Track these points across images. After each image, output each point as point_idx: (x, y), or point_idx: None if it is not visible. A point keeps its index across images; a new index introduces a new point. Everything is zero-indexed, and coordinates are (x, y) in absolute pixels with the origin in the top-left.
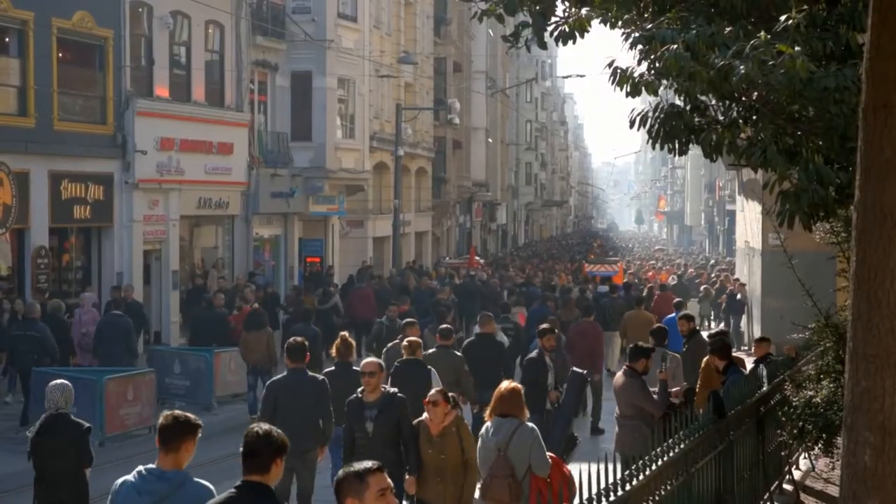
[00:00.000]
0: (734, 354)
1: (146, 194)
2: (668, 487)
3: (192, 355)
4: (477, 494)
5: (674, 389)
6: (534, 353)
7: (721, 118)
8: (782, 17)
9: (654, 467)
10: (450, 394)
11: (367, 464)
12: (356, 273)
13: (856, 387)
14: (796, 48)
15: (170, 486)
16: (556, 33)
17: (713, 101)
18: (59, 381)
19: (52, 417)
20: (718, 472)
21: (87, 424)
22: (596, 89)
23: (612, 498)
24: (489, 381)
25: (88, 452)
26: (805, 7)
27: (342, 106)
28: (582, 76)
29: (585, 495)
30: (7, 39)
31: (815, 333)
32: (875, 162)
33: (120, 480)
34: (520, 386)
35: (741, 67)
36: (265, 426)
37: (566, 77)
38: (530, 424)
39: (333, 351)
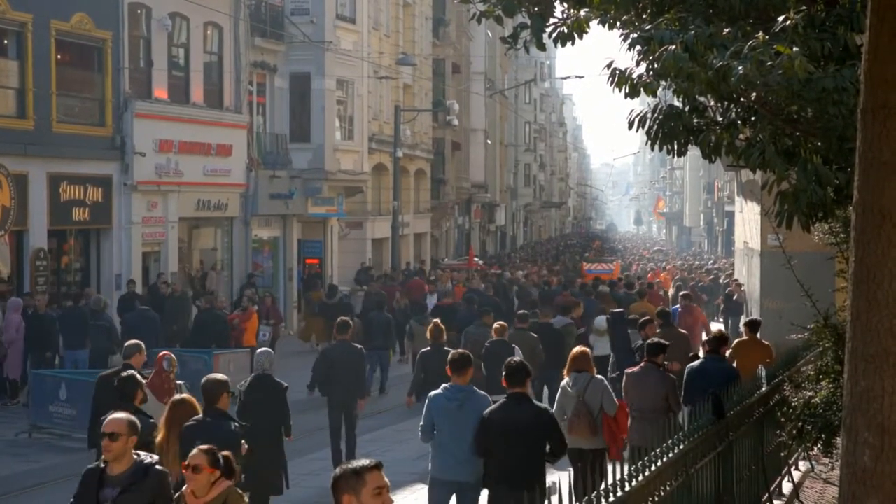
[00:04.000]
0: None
1: (145, 196)
2: (668, 488)
3: (192, 357)
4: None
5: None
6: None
7: (720, 119)
8: (780, 18)
9: (653, 468)
10: (222, 454)
11: (365, 461)
12: (356, 274)
13: (855, 387)
14: (795, 49)
15: (465, 394)
16: (554, 34)
17: (712, 102)
18: (265, 348)
19: (258, 377)
20: (718, 472)
21: (285, 384)
22: (595, 90)
23: (611, 499)
24: (549, 361)
25: (286, 407)
26: (803, 8)
27: (341, 107)
28: (581, 77)
29: (585, 496)
30: (6, 41)
31: (814, 334)
32: (873, 163)
33: (432, 394)
34: (588, 349)
35: (739, 68)
36: (517, 359)
37: (565, 78)
38: (600, 376)
39: (428, 334)
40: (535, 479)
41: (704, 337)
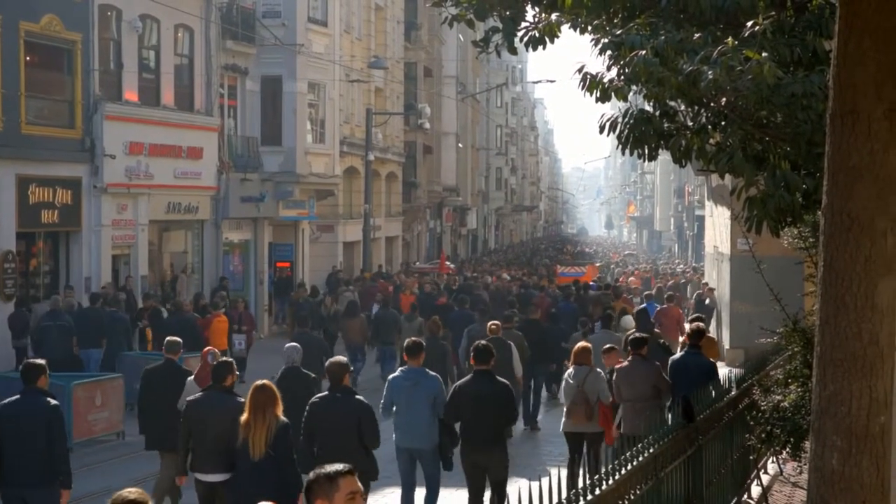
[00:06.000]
0: None
1: (115, 199)
2: (638, 492)
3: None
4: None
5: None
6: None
7: (690, 123)
8: (750, 24)
9: (623, 472)
10: None
11: (339, 466)
12: (327, 277)
13: (823, 391)
14: (764, 54)
15: (419, 375)
16: (526, 38)
17: (682, 107)
18: (293, 343)
19: (289, 369)
20: (687, 476)
21: (314, 375)
22: (566, 95)
23: (581, 503)
24: (537, 357)
25: (313, 394)
26: (773, 13)
27: (312, 110)
28: (552, 81)
29: (555, 500)
30: None
31: (783, 338)
32: (842, 168)
33: (391, 375)
34: (589, 344)
35: (709, 73)
36: (483, 342)
37: (536, 82)
38: (598, 369)
39: (427, 330)
40: (496, 440)
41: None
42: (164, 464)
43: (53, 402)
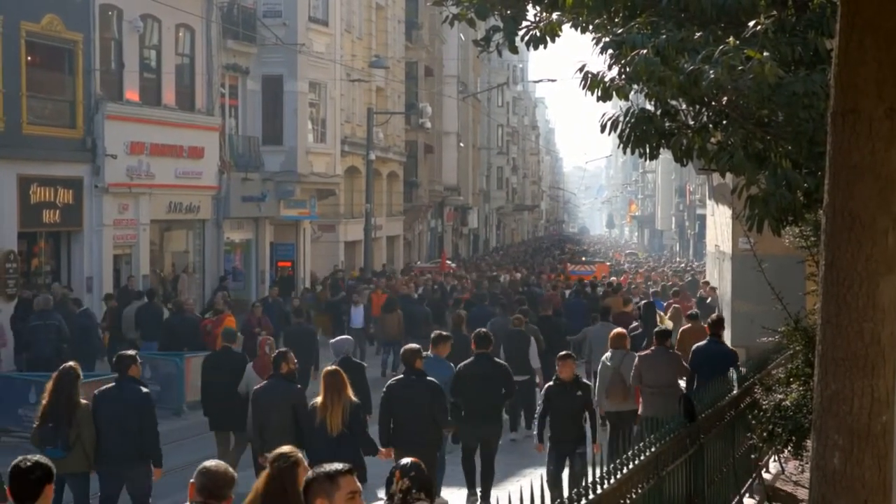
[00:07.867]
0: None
1: (116, 198)
2: (640, 490)
3: (163, 360)
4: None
5: None
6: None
7: (691, 123)
8: (751, 23)
9: (625, 471)
10: None
11: (338, 466)
12: (325, 278)
13: (825, 390)
14: (765, 53)
15: (434, 363)
16: (527, 38)
17: (683, 106)
18: (344, 336)
19: (343, 360)
20: (689, 475)
21: (365, 364)
22: (567, 94)
23: (583, 502)
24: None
25: (366, 383)
26: (774, 13)
27: (313, 110)
28: (553, 81)
29: (557, 499)
30: None
31: (784, 337)
32: (843, 166)
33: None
34: (623, 330)
35: (711, 72)
36: (484, 330)
37: (537, 81)
38: (633, 352)
39: (451, 322)
40: (495, 415)
41: None
42: (219, 442)
43: (145, 389)
